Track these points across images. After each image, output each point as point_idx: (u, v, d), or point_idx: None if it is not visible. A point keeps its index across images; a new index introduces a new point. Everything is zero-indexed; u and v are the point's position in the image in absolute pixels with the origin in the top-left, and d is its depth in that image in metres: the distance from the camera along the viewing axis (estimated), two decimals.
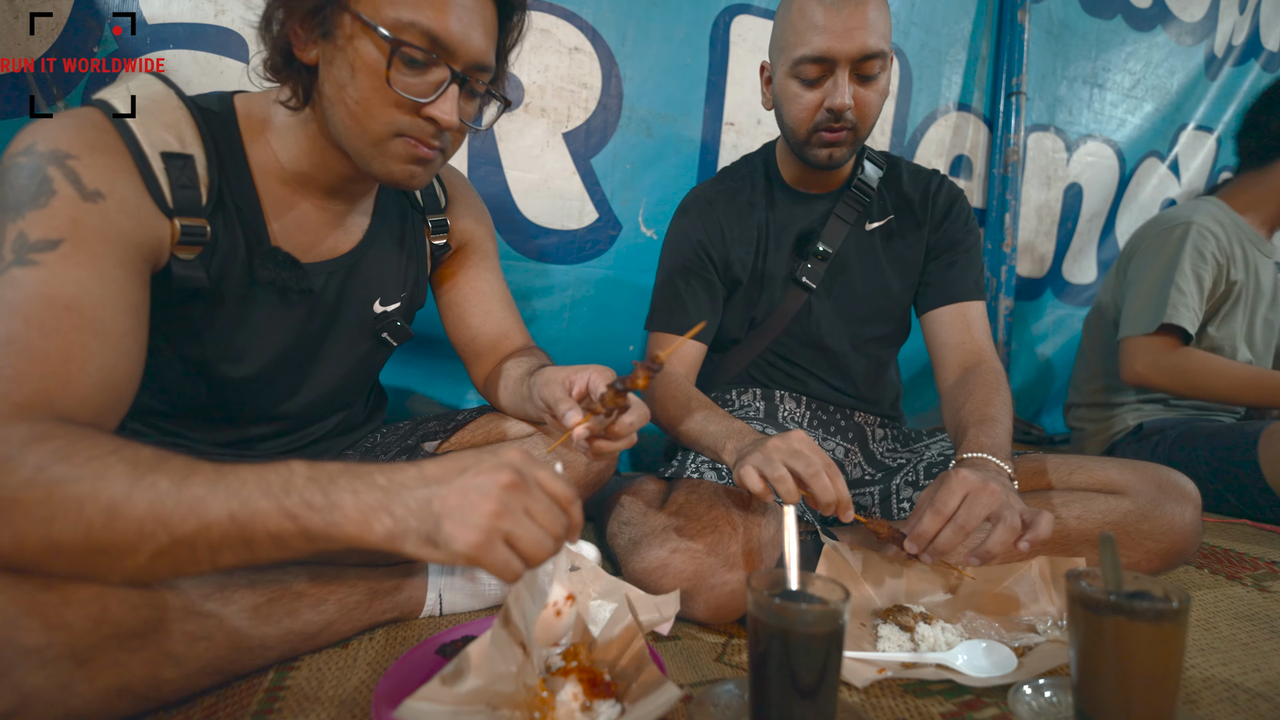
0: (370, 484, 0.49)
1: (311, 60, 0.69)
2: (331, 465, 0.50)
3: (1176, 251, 1.46)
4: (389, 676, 0.60)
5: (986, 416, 0.92)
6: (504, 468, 0.49)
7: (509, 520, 0.48)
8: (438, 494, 0.48)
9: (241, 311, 0.75)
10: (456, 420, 0.94)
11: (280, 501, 0.47)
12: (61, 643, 0.49)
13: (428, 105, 0.68)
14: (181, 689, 0.58)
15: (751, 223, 1.15)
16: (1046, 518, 0.74)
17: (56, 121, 0.61)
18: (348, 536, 0.47)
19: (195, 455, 0.79)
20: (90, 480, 0.46)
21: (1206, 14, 2.23)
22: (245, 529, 0.47)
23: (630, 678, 0.59)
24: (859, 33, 0.94)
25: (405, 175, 0.72)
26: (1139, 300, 1.48)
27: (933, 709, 0.64)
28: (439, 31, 0.65)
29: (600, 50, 1.50)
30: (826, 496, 0.75)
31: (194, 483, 0.47)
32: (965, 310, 1.12)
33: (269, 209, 0.75)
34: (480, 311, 0.98)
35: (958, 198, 1.17)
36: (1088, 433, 1.69)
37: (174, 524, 0.46)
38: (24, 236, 0.55)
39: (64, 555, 0.46)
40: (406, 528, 0.47)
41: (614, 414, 0.69)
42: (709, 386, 1.24)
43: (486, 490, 0.48)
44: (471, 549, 0.47)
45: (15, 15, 1.06)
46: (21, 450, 0.46)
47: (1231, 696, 0.68)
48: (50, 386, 0.51)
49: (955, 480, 0.76)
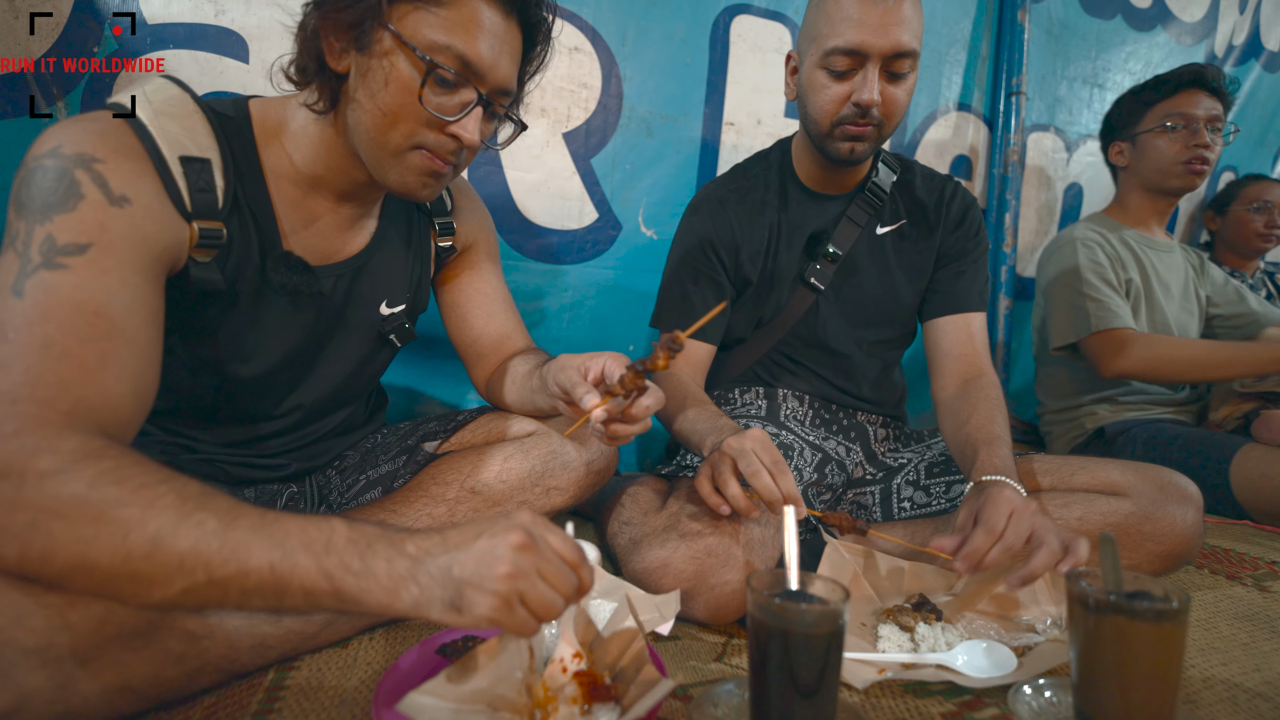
0: (402, 552, 0.49)
1: (343, 69, 0.70)
2: (370, 528, 0.51)
3: (1072, 263, 1.56)
4: (389, 676, 0.60)
5: (994, 435, 0.92)
6: (515, 529, 0.50)
7: (523, 581, 0.49)
8: (457, 560, 0.49)
9: (253, 312, 0.76)
10: (457, 420, 0.95)
11: (321, 560, 0.48)
12: (64, 643, 0.50)
13: (452, 124, 0.71)
14: (182, 688, 0.58)
15: (763, 222, 1.14)
16: (1084, 543, 0.74)
17: (79, 125, 0.61)
18: (377, 603, 0.48)
19: (196, 454, 0.81)
20: (140, 508, 0.46)
21: (1206, 14, 2.23)
22: (282, 581, 0.47)
23: (629, 679, 0.59)
24: (894, 29, 0.93)
25: (418, 186, 0.75)
26: (1067, 311, 1.55)
27: (933, 709, 0.64)
28: (471, 56, 0.69)
29: (600, 50, 1.50)
30: (769, 495, 0.76)
31: (239, 526, 0.47)
32: (969, 321, 1.12)
33: (281, 212, 0.76)
34: (483, 313, 0.99)
35: (971, 206, 1.16)
36: (1054, 435, 1.72)
37: (214, 565, 0.46)
38: (52, 239, 0.55)
39: (93, 576, 0.46)
40: (431, 596, 0.48)
41: (632, 396, 0.70)
42: (712, 384, 1.24)
43: (499, 553, 0.49)
44: (492, 612, 0.48)
45: (15, 15, 1.06)
46: (75, 465, 0.46)
47: (1231, 696, 0.68)
48: (89, 394, 0.52)
49: (1002, 499, 0.77)
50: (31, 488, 0.45)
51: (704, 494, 0.81)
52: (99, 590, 0.47)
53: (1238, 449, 1.31)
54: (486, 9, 0.69)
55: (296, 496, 0.90)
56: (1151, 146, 1.60)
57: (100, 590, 0.47)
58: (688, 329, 0.64)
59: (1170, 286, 1.65)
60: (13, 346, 0.51)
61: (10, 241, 0.56)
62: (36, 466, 0.46)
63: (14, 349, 0.50)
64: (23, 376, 0.49)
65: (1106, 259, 1.56)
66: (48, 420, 0.48)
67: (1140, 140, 1.62)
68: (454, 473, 0.83)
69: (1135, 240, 1.64)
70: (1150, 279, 1.62)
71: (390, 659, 0.68)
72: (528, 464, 0.83)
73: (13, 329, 0.51)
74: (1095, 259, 1.55)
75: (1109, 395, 1.60)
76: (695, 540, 0.82)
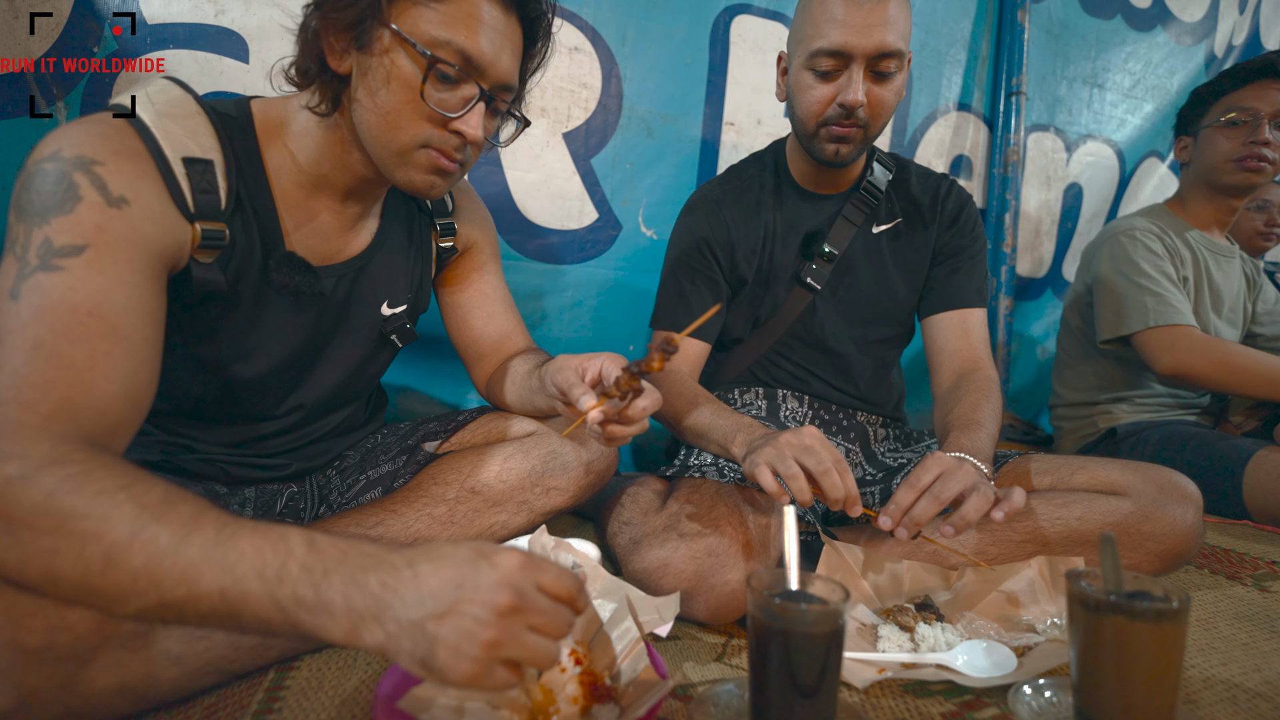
0: (363, 588, 0.44)
1: (344, 70, 0.71)
2: (331, 549, 0.46)
3: (1129, 254, 1.49)
4: (389, 676, 0.60)
5: (972, 421, 0.92)
6: (502, 588, 0.44)
7: (509, 647, 0.44)
8: (432, 613, 0.43)
9: (255, 312, 0.76)
10: (457, 420, 0.95)
11: (272, 590, 0.44)
12: (63, 644, 0.50)
13: (455, 120, 0.71)
14: (182, 688, 0.58)
15: (758, 221, 1.14)
16: (1019, 491, 0.76)
17: (81, 128, 0.61)
18: (335, 640, 0.44)
19: (196, 454, 0.81)
20: (96, 520, 0.45)
21: (1206, 14, 2.23)
22: (234, 608, 0.44)
23: (628, 680, 0.59)
24: (877, 29, 0.94)
25: (426, 185, 0.75)
26: (1121, 303, 1.49)
27: (933, 709, 0.64)
28: (472, 51, 0.69)
29: (600, 50, 1.50)
30: (836, 493, 0.76)
31: (192, 543, 0.45)
32: (966, 317, 1.12)
33: (284, 212, 0.76)
34: (483, 314, 1.00)
35: (966, 203, 1.16)
36: (1065, 431, 1.70)
37: (164, 588, 0.44)
38: (49, 242, 0.55)
39: (61, 587, 0.45)
40: (399, 646, 0.44)
41: (628, 397, 0.70)
42: (711, 385, 1.24)
43: (483, 619, 0.43)
44: (468, 679, 0.43)
45: (15, 15, 1.06)
46: (38, 471, 0.46)
47: (1231, 696, 0.68)
48: (75, 395, 0.51)
49: (930, 459, 0.80)
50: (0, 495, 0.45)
51: (767, 484, 0.78)
52: (75, 601, 0.47)
53: (1255, 451, 1.29)
54: (486, 4, 0.69)
55: (296, 496, 0.90)
56: (1210, 141, 1.52)
57: (76, 601, 0.47)
58: (683, 330, 0.64)
59: (1222, 294, 1.57)
60: (4, 349, 0.51)
61: (10, 246, 0.56)
62: (4, 473, 0.45)
63: (4, 351, 0.51)
64: (9, 379, 0.49)
65: (1165, 251, 1.50)
66: (24, 424, 0.48)
67: (1202, 134, 1.54)
68: (454, 473, 0.83)
69: (1196, 240, 1.56)
70: (1203, 283, 1.55)
71: (390, 659, 0.68)
72: (527, 464, 0.83)
73: (6, 331, 0.51)
74: (1153, 250, 1.48)
75: (1128, 395, 1.57)
76: (695, 540, 0.82)
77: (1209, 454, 1.35)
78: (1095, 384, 1.62)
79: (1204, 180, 1.56)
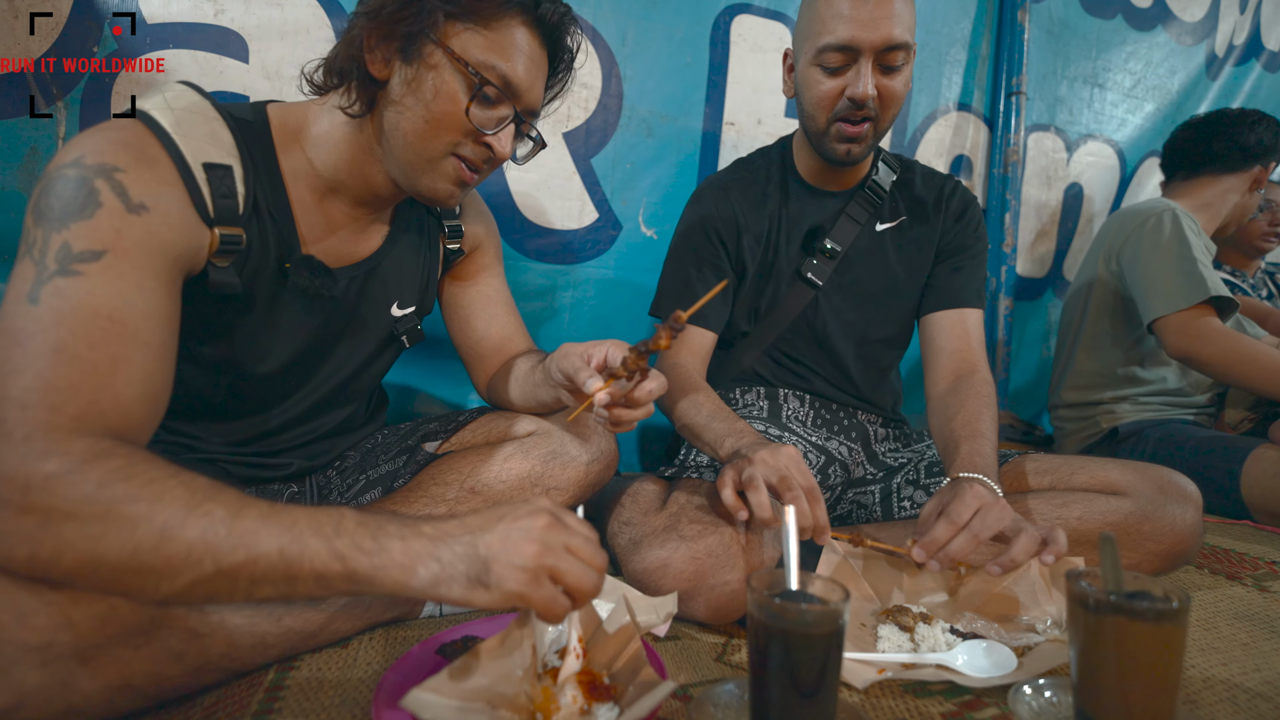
0: (417, 533, 0.51)
1: (383, 76, 0.73)
2: (380, 515, 0.52)
3: (1177, 233, 1.46)
4: (389, 676, 0.60)
5: (977, 432, 0.92)
6: (540, 512, 0.53)
7: (553, 557, 0.51)
8: (482, 540, 0.51)
9: (268, 313, 0.78)
10: (457, 420, 0.95)
11: (331, 542, 0.48)
12: (66, 641, 0.50)
13: (488, 135, 0.76)
14: (183, 686, 0.58)
15: (764, 214, 1.14)
16: (1062, 534, 0.75)
17: (103, 134, 0.62)
18: (392, 581, 0.49)
19: (197, 454, 0.81)
20: (148, 502, 0.47)
21: (1207, 14, 2.22)
22: (292, 565, 0.48)
23: (627, 679, 0.59)
24: (884, 22, 0.94)
25: (446, 194, 0.79)
26: (1165, 280, 1.44)
27: (933, 709, 0.64)
28: (513, 77, 0.75)
29: (600, 50, 1.50)
30: (803, 521, 0.76)
31: (247, 515, 0.48)
32: (964, 317, 1.12)
33: (299, 215, 0.78)
34: (485, 315, 1.00)
35: (970, 203, 1.16)
36: (1066, 432, 1.70)
37: (222, 554, 0.47)
38: (68, 247, 0.56)
39: (101, 571, 0.47)
40: (454, 572, 0.49)
41: (635, 378, 0.70)
42: (714, 384, 1.23)
43: (529, 532, 0.51)
44: (521, 586, 0.49)
45: (15, 15, 1.06)
46: (84, 465, 0.47)
47: (1231, 696, 0.68)
48: (99, 398, 0.52)
49: (970, 494, 0.78)
50: (39, 490, 0.46)
51: (725, 498, 0.80)
52: (107, 587, 0.48)
53: (1252, 449, 1.30)
54: (528, 36, 0.76)
55: (297, 496, 0.90)
56: (1239, 208, 1.61)
57: (108, 587, 0.48)
58: (689, 309, 0.64)
59: None
60: (26, 352, 0.51)
61: (28, 249, 0.56)
62: (44, 470, 0.46)
63: (27, 355, 0.51)
64: (34, 382, 0.50)
65: (1199, 238, 1.49)
66: (56, 425, 0.49)
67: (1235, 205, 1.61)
68: (454, 473, 0.83)
69: None
70: None
71: (390, 659, 0.68)
72: (527, 464, 0.83)
73: (26, 335, 0.52)
74: (1196, 231, 1.48)
75: (1131, 394, 1.58)
76: (695, 541, 0.82)
77: (1207, 451, 1.36)
78: (1102, 381, 1.62)
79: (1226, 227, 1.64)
